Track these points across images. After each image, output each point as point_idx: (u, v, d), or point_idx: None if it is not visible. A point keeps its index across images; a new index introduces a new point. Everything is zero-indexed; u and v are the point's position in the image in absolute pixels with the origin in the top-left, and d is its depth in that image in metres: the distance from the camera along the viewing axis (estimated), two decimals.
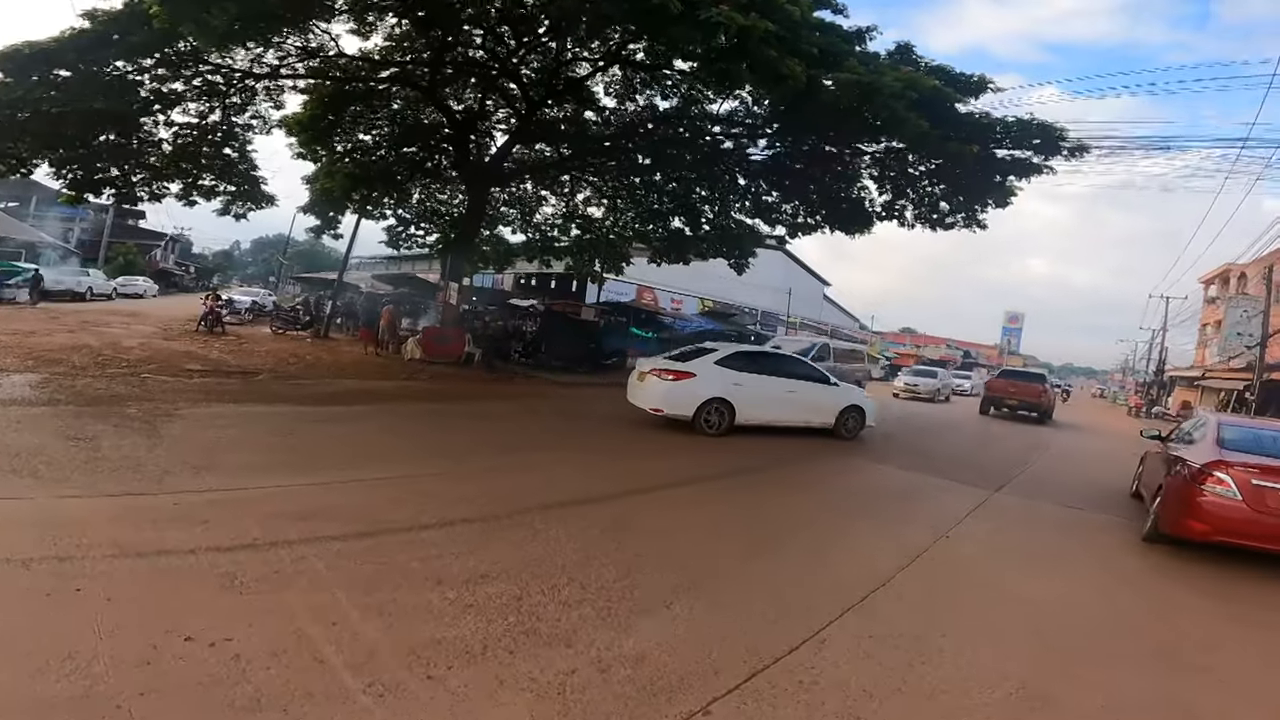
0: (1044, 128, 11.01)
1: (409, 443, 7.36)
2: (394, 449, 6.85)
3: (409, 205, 22.37)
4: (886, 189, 14.55)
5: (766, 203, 17.98)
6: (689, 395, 9.75)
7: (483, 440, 7.96)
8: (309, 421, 7.59)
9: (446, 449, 7.20)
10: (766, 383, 10.59)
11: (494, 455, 7.05)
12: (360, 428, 7.70)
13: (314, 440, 6.72)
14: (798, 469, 8.51)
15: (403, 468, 6.02)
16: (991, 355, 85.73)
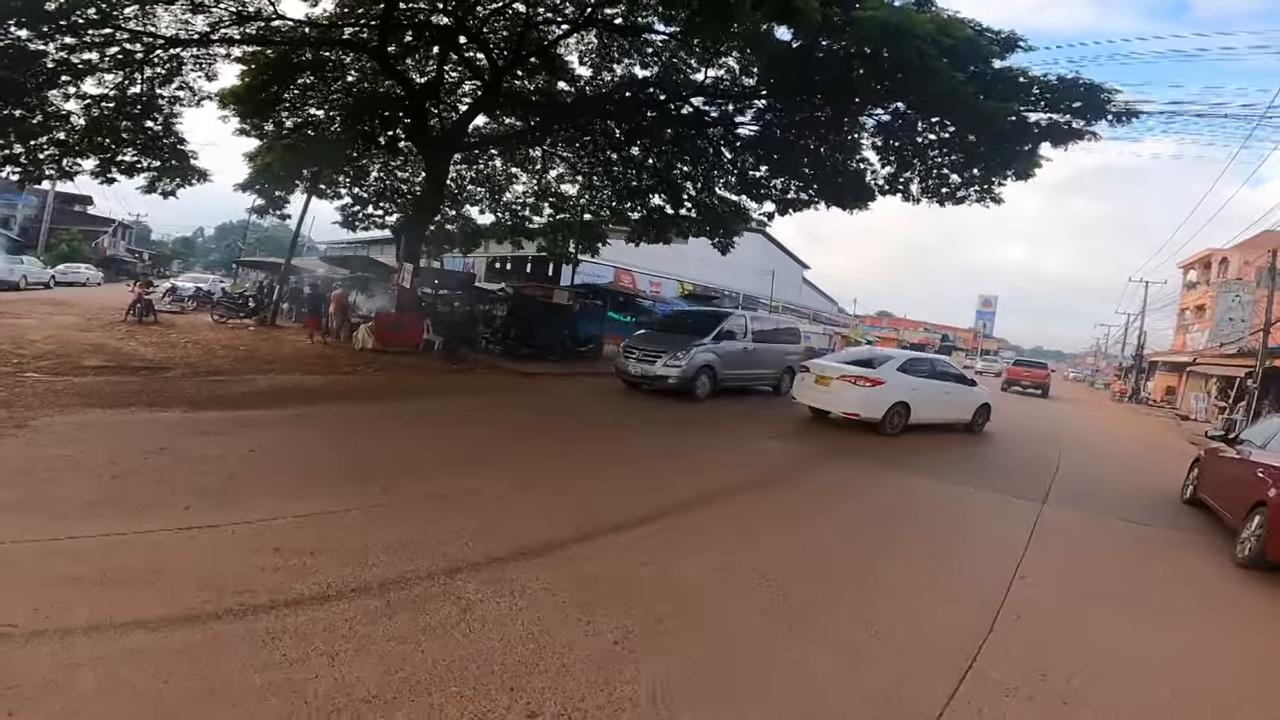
0: (1090, 88, 9.61)
1: (325, 460, 5.78)
2: (300, 471, 5.30)
3: (366, 183, 20.56)
4: (891, 160, 13.20)
5: (754, 178, 16.58)
6: (879, 400, 10.45)
7: (425, 454, 6.39)
8: (198, 433, 6.01)
9: (372, 468, 5.50)
10: (931, 386, 11.50)
11: (436, 475, 5.52)
12: (266, 439, 6.03)
13: (191, 461, 5.13)
14: (809, 478, 7.18)
15: (302, 500, 4.52)
16: (967, 338, 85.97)
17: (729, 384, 13.04)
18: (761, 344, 14.05)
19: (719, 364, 12.61)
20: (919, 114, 11.05)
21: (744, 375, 13.71)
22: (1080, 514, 7.01)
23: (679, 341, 12.44)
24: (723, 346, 12.89)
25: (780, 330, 15.62)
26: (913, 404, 10.72)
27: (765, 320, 15.49)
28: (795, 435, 9.82)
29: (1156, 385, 41.58)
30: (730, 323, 13.55)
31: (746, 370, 13.76)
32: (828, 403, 10.83)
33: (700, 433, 9.34)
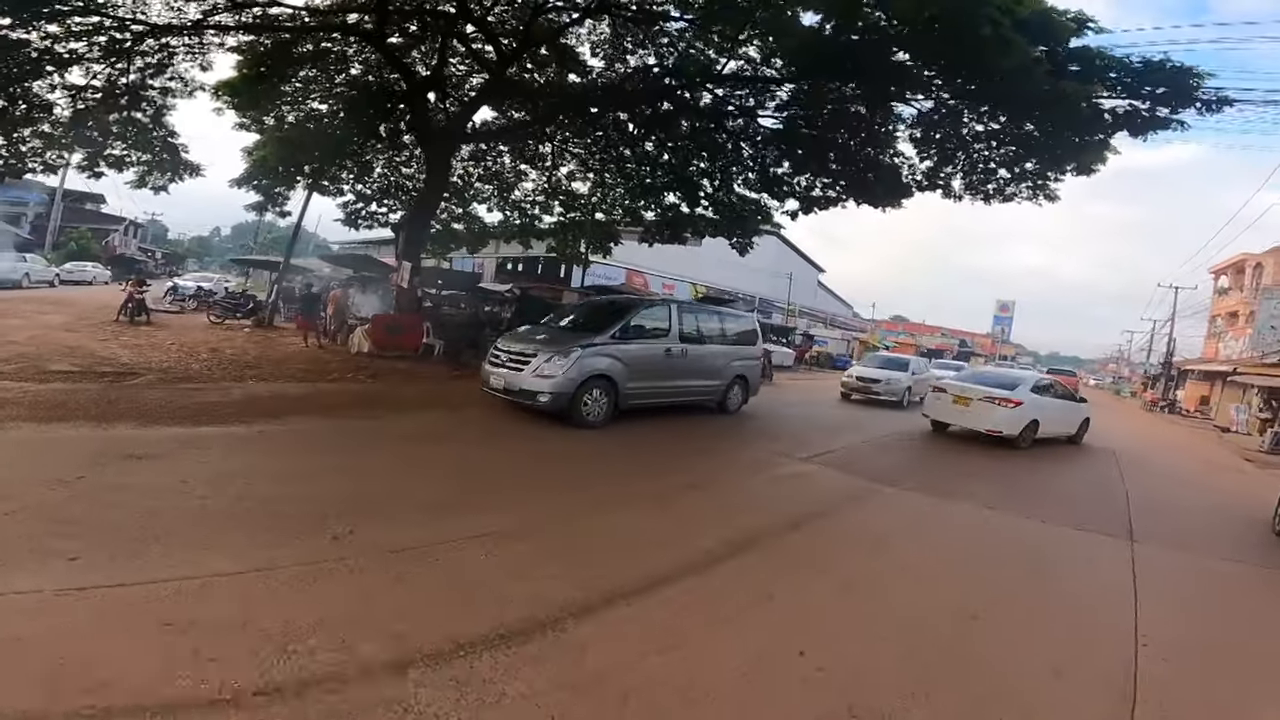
0: (1179, 71, 8.47)
1: (273, 497, 4.68)
2: (238, 510, 4.30)
3: (369, 180, 19.74)
4: (930, 154, 12.10)
5: (776, 174, 15.57)
6: (1019, 419, 11.42)
7: (397, 488, 5.29)
8: (131, 456, 5.10)
9: (329, 508, 4.42)
10: (1055, 405, 12.62)
11: (405, 519, 4.50)
12: (211, 466, 5.13)
13: (108, 493, 4.12)
14: (853, 514, 6.18)
15: (229, 552, 3.61)
16: (985, 344, 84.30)
17: (643, 401, 9.56)
18: (697, 346, 10.54)
19: (623, 373, 9.01)
20: (969, 101, 9.99)
21: (667, 389, 10.08)
22: (1177, 554, 6.07)
23: (565, 340, 9.04)
24: (630, 349, 9.28)
25: (729, 328, 11.72)
26: (1041, 421, 11.73)
27: (705, 313, 11.57)
28: (825, 457, 8.80)
29: (1188, 394, 39.98)
30: (644, 315, 9.98)
31: (671, 382, 10.09)
32: (969, 421, 11.73)
33: (723, 454, 8.36)
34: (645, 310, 10.21)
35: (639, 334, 9.67)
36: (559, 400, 8.31)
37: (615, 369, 8.90)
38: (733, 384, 11.41)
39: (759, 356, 12.44)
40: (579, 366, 8.48)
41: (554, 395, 8.27)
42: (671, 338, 10.05)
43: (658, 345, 9.82)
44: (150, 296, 22.66)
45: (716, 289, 34.63)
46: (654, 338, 9.85)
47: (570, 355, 8.50)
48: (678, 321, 10.24)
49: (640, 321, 9.83)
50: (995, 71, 7.76)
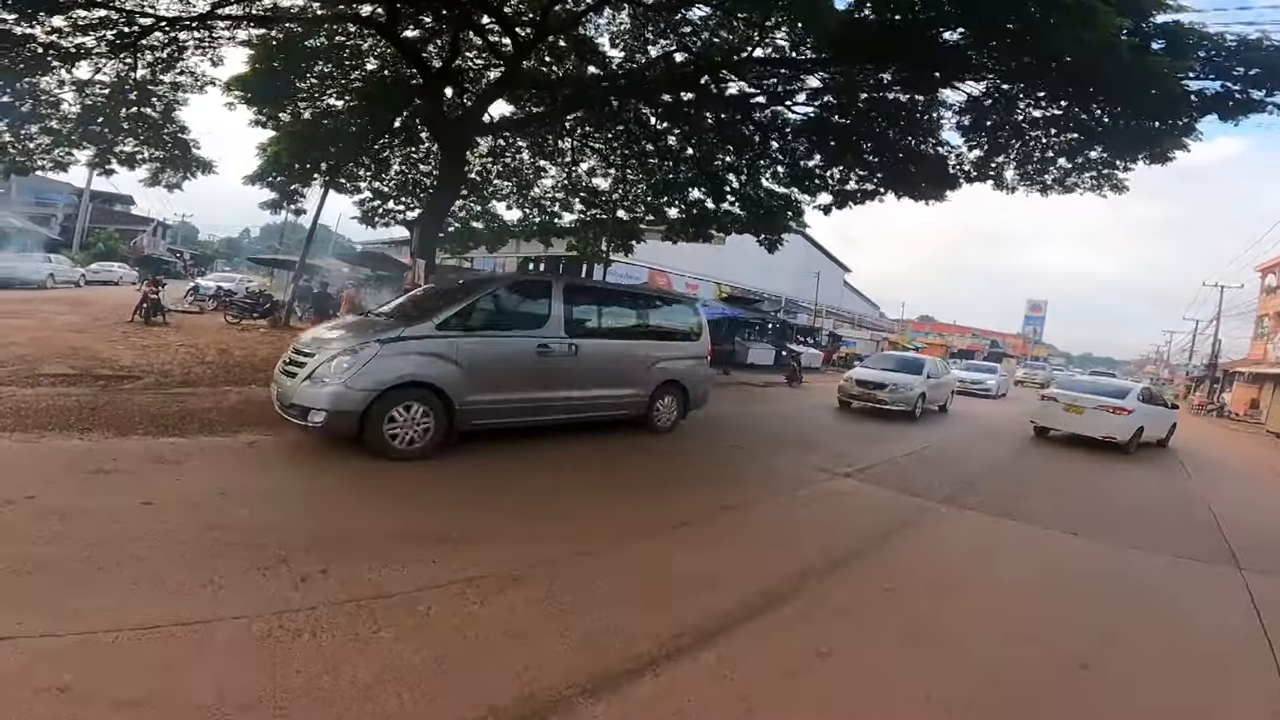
0: (1276, 51, 7.54)
1: (243, 525, 4.04)
2: (200, 541, 3.63)
3: (387, 177, 19.32)
4: (980, 143, 11.19)
5: (806, 167, 14.78)
6: (1129, 425, 12.24)
7: (382, 518, 4.49)
8: (94, 471, 4.52)
9: (304, 540, 3.82)
10: (1155, 411, 13.59)
11: (389, 555, 3.81)
12: (180, 486, 4.55)
13: (52, 520, 3.59)
14: (906, 544, 5.42)
15: (177, 594, 3.01)
16: (1016, 344, 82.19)
17: (500, 421, 6.84)
18: (597, 342, 7.83)
19: (459, 379, 6.33)
20: (1028, 83, 9.11)
21: (545, 402, 7.25)
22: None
23: (367, 332, 6.41)
24: (472, 345, 6.56)
25: (655, 319, 9.12)
26: (1145, 426, 12.64)
27: (615, 300, 8.96)
28: (866, 472, 8.01)
29: (1236, 397, 38.15)
30: (502, 298, 7.29)
31: (549, 393, 7.26)
32: (1082, 428, 12.48)
33: (744, 476, 7.60)
34: (506, 291, 7.43)
35: (490, 323, 6.86)
36: (338, 420, 5.74)
37: (444, 373, 6.18)
38: (660, 393, 8.63)
39: (703, 355, 9.42)
40: (372, 370, 5.85)
41: (331, 413, 5.70)
42: (551, 329, 7.24)
43: (524, 340, 7.03)
44: (171, 297, 22.66)
45: (742, 289, 33.84)
46: (518, 329, 7.09)
47: (360, 353, 5.92)
48: (562, 308, 7.39)
49: (491, 306, 6.99)
50: (1071, 48, 6.89)
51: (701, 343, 9.47)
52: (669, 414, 8.86)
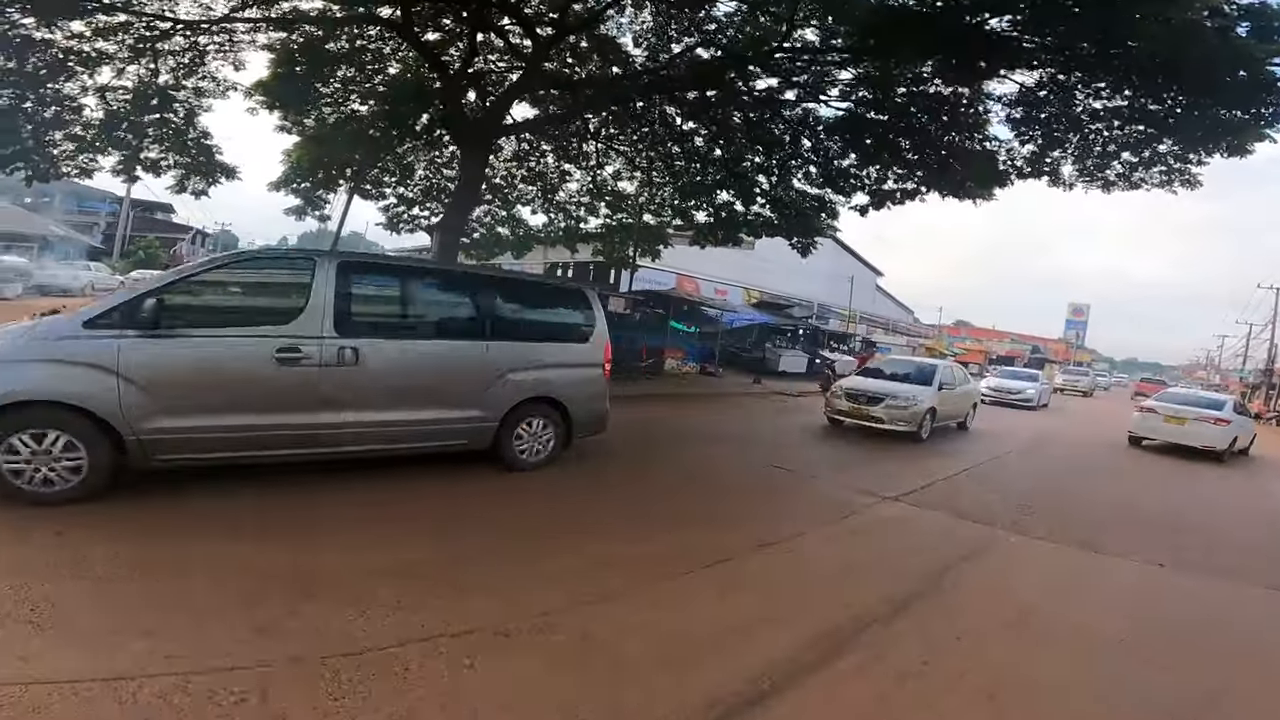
0: None
1: (204, 551, 3.69)
2: (151, 569, 3.41)
3: (411, 182, 19.22)
4: (1034, 136, 10.46)
5: (840, 167, 14.16)
6: (1227, 435, 12.74)
7: (384, 548, 4.04)
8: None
9: (275, 573, 3.47)
10: (1241, 420, 14.03)
11: (376, 598, 3.33)
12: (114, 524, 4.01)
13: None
14: (974, 585, 4.80)
15: (72, 644, 2.61)
16: (1058, 350, 79.58)
17: (225, 456, 4.78)
18: (406, 344, 5.70)
19: (131, 399, 4.33)
20: (1087, 72, 8.41)
21: (303, 430, 5.02)
22: None
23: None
24: (150, 351, 4.46)
25: (511, 310, 6.53)
26: (1238, 436, 13.24)
27: (442, 282, 6.66)
28: (918, 494, 7.37)
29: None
30: (196, 282, 4.97)
31: (315, 418, 5.05)
32: (1182, 438, 12.83)
33: (782, 500, 7.01)
34: (225, 272, 5.20)
35: (195, 318, 4.78)
36: None
37: (97, 390, 4.22)
38: (521, 414, 6.16)
39: (596, 363, 6.75)
40: None
41: None
42: (306, 325, 4.96)
43: (254, 343, 4.82)
44: None
45: (771, 294, 33.12)
46: (247, 326, 4.92)
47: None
48: (331, 295, 5.06)
49: (192, 293, 4.88)
50: (1151, 31, 6.21)
51: (593, 346, 6.72)
52: (538, 443, 6.25)
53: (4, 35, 10.07)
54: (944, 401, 11.70)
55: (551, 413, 6.38)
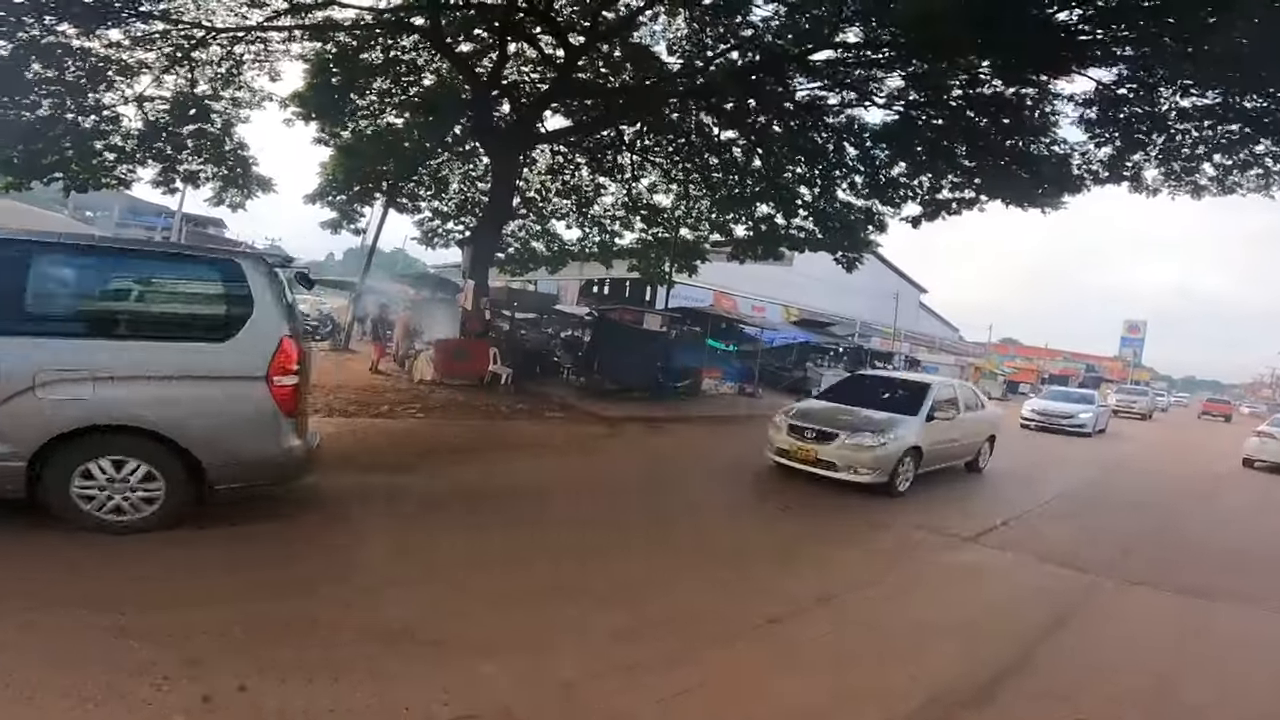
0: None
1: (164, 598, 3.21)
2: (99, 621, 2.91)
3: (446, 196, 19.10)
4: (1112, 138, 9.56)
5: (888, 177, 13.42)
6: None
7: (366, 600, 3.45)
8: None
9: (240, 633, 2.92)
10: None
11: (348, 664, 2.79)
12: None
13: None
14: (1080, 635, 4.03)
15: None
16: (1114, 368, 76.07)
17: None
18: None
19: None
20: (1171, 68, 7.58)
21: None
22: None
23: None
24: None
25: (95, 268, 4.28)
26: None
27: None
28: (994, 535, 6.54)
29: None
30: None
31: None
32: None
33: (838, 542, 6.15)
34: None
35: None
36: None
37: None
38: (82, 449, 3.92)
39: (249, 374, 4.20)
40: None
41: None
42: None
43: None
44: None
45: (811, 311, 32.20)
46: None
47: None
48: None
49: None
50: (1240, 13, 5.43)
51: (242, 346, 4.24)
52: (125, 495, 4.00)
53: (45, 44, 10.14)
54: (937, 436, 8.12)
55: (151, 450, 3.98)
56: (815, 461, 7.38)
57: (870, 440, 7.28)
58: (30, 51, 10.20)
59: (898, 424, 7.60)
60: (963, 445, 9.03)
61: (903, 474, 7.50)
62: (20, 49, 10.08)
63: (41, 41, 10.16)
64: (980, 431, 9.50)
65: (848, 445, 7.25)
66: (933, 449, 7.96)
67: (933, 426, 7.98)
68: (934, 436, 7.97)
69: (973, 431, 9.22)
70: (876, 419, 7.67)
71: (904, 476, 7.54)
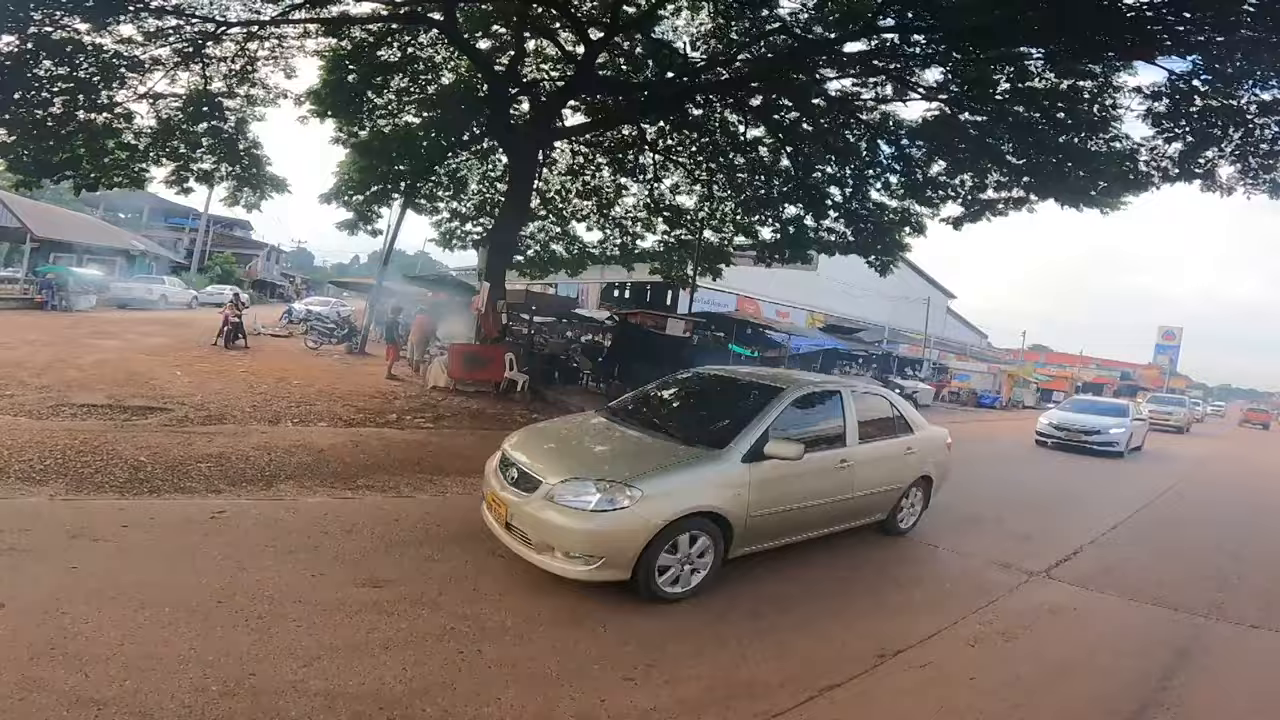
0: None
1: (94, 650, 2.73)
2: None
3: (465, 197, 18.72)
4: (1181, 133, 8.74)
5: (926, 176, 12.69)
6: None
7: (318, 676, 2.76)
8: None
9: (180, 696, 2.45)
10: None
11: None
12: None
13: None
14: (1200, 702, 3.35)
15: None
16: (1150, 376, 73.75)
17: None
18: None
19: None
20: (1254, 58, 6.83)
21: None
22: None
23: None
24: None
25: None
26: None
27: None
28: (1071, 565, 5.81)
29: None
30: None
31: None
32: None
33: (897, 582, 5.29)
34: None
35: None
36: None
37: None
38: None
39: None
40: None
41: None
42: None
43: None
44: (266, 320, 23.04)
45: (836, 317, 31.39)
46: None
47: None
48: None
49: None
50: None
51: None
52: None
53: (56, 40, 9.89)
54: (783, 490, 4.52)
55: None
56: (508, 527, 4.12)
57: (590, 498, 3.83)
58: (40, 47, 9.98)
59: (670, 469, 4.10)
60: (855, 501, 5.19)
61: (674, 566, 3.98)
62: (31, 45, 9.87)
63: (52, 37, 9.92)
64: (898, 473, 5.66)
65: (548, 506, 3.90)
66: (765, 515, 4.36)
67: (768, 472, 4.34)
68: (771, 492, 4.38)
69: (882, 475, 5.44)
70: (637, 452, 4.43)
71: (678, 573, 4.00)
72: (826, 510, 4.95)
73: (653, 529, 3.78)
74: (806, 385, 5.26)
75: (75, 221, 32.84)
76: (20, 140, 10.91)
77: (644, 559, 3.80)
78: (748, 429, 4.47)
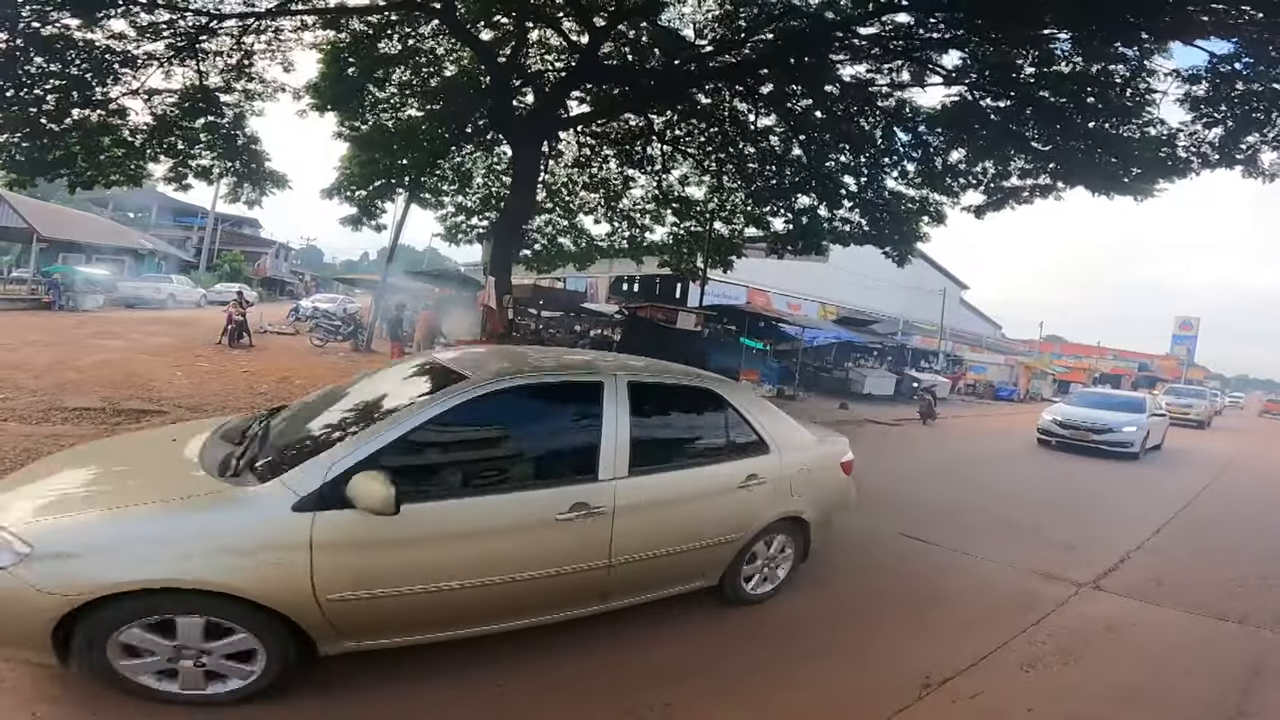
0: None
1: None
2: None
3: (470, 191, 18.41)
4: (1221, 117, 8.24)
5: (945, 164, 12.25)
6: None
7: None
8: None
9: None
10: None
11: None
12: None
13: None
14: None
15: None
16: (1168, 366, 72.64)
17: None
18: None
19: None
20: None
21: None
22: None
23: None
24: None
25: None
26: None
27: None
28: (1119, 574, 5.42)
29: None
30: None
31: None
32: None
33: (936, 597, 4.67)
34: None
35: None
36: None
37: None
38: None
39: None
40: None
41: None
42: None
43: None
44: (273, 318, 22.86)
45: (849, 309, 30.90)
46: None
47: None
48: None
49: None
50: None
51: None
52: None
53: (46, 37, 9.63)
54: (403, 556, 2.62)
55: None
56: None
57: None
58: (30, 44, 9.72)
59: (128, 510, 2.46)
60: (624, 569, 3.15)
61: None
62: (20, 42, 9.62)
63: (42, 33, 9.66)
64: (729, 518, 3.63)
65: None
66: (368, 599, 2.56)
67: (362, 526, 2.51)
68: (378, 559, 2.59)
69: (689, 523, 3.45)
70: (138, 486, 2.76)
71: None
72: (542, 587, 2.92)
73: (53, 610, 2.17)
74: (513, 378, 3.10)
75: (82, 221, 32.82)
76: (13, 138, 10.68)
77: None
78: (323, 454, 2.63)
